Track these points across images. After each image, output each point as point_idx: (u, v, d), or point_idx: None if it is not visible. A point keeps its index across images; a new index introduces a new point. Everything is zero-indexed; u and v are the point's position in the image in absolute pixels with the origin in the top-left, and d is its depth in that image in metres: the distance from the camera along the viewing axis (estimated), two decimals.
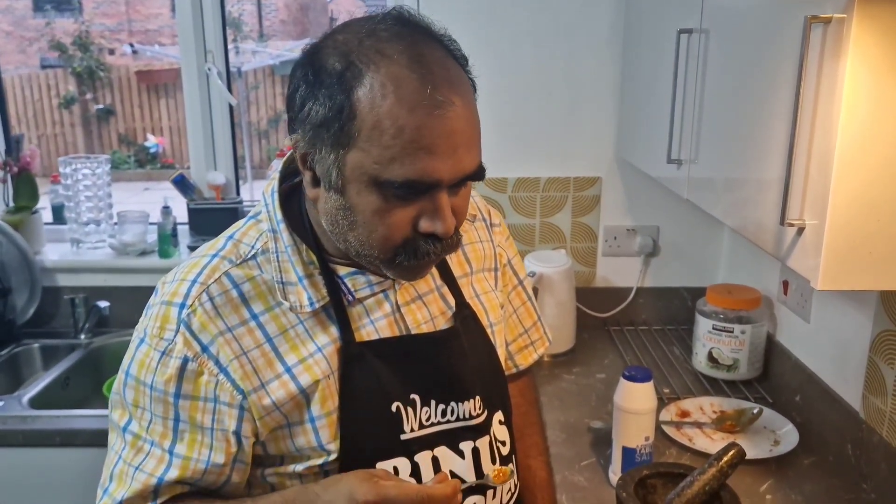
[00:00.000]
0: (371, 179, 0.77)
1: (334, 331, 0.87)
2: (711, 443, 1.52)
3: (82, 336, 2.13)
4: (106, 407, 1.86)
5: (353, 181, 0.78)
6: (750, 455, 1.43)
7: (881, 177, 0.88)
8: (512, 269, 1.13)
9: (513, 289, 1.14)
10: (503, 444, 0.97)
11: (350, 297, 0.88)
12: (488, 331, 0.99)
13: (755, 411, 1.59)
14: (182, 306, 0.84)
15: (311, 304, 0.86)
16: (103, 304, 2.12)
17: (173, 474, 0.85)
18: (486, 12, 1.97)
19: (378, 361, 0.87)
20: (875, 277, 0.91)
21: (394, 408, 0.87)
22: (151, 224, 2.25)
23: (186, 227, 2.26)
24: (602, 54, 1.99)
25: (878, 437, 1.36)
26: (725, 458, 1.18)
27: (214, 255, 0.88)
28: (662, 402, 1.67)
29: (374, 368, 0.87)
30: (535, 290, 1.88)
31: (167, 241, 2.17)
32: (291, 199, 0.91)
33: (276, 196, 0.90)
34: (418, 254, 0.81)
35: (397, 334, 0.91)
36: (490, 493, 0.94)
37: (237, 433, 0.85)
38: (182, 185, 2.24)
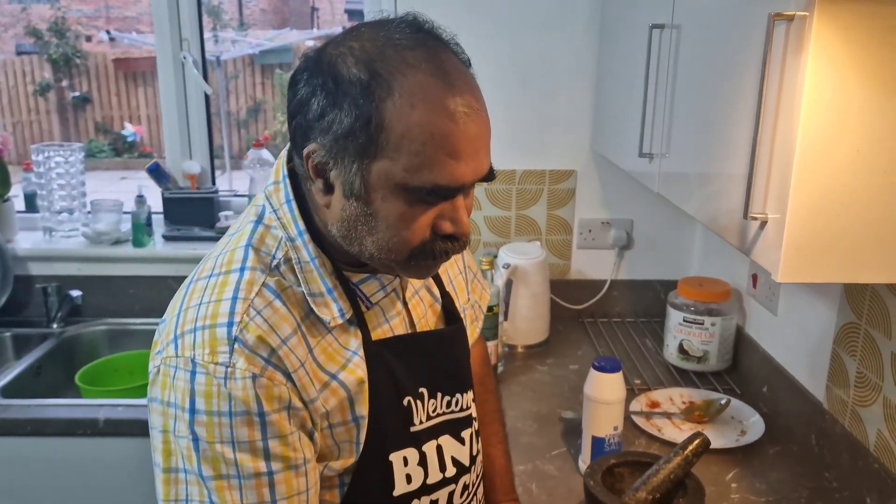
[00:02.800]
0: (398, 186, 0.78)
1: (358, 335, 0.89)
2: (680, 433, 1.55)
3: (55, 325, 2.11)
4: (78, 396, 1.88)
5: (378, 189, 0.79)
6: (717, 444, 1.47)
7: (841, 172, 0.90)
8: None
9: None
10: (475, 420, 1.04)
11: (368, 304, 0.90)
12: (461, 314, 1.04)
13: (723, 402, 1.61)
14: (230, 325, 0.80)
15: (342, 314, 0.86)
16: (76, 293, 2.10)
17: (281, 490, 0.82)
18: (463, 5, 1.98)
19: (393, 358, 0.90)
20: (834, 270, 0.93)
21: (405, 402, 0.91)
22: (125, 213, 2.23)
23: (161, 216, 2.25)
24: (578, 48, 2.01)
25: (840, 427, 1.39)
26: (690, 448, 1.21)
27: (243, 269, 0.84)
28: (633, 393, 1.69)
29: (390, 366, 0.90)
30: (510, 282, 1.90)
31: (141, 230, 2.15)
32: (301, 208, 0.88)
33: (293, 205, 0.87)
34: (435, 254, 0.83)
35: (407, 331, 0.95)
36: (475, 469, 1.01)
37: (311, 433, 0.85)
38: (157, 173, 2.22)
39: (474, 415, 1.02)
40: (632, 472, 1.26)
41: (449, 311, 1.02)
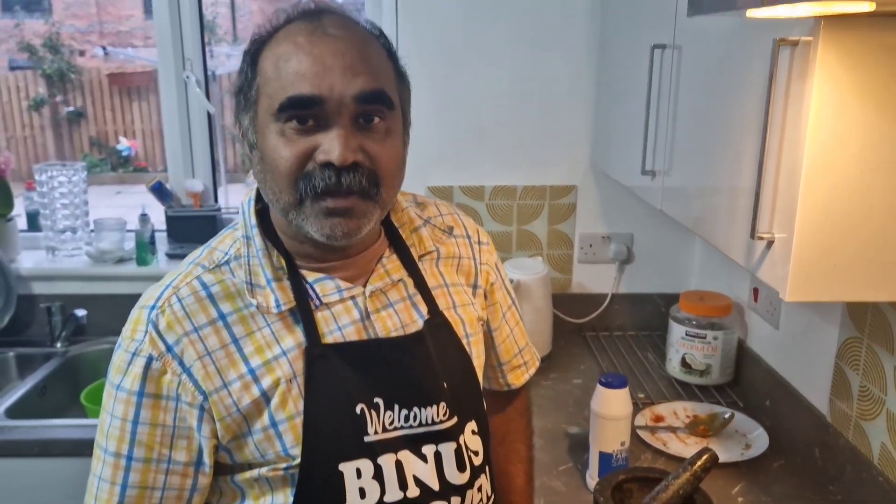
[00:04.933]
0: (270, 118, 0.84)
1: (300, 335, 0.89)
2: (685, 447, 1.56)
3: (59, 344, 2.12)
4: (83, 415, 1.88)
5: (262, 130, 0.86)
6: (722, 458, 1.48)
7: (845, 192, 0.92)
8: (505, 290, 1.15)
9: (507, 309, 1.15)
10: (475, 453, 0.97)
11: (317, 302, 0.90)
12: (464, 341, 1.00)
13: (727, 416, 1.63)
14: (152, 308, 0.88)
15: (278, 305, 0.88)
16: (80, 312, 2.11)
17: (134, 479, 0.87)
18: (464, 23, 2.00)
19: (342, 363, 0.89)
20: (839, 289, 0.95)
21: (358, 409, 0.88)
22: (129, 231, 2.24)
23: (164, 234, 2.26)
24: (578, 65, 2.03)
25: (843, 440, 1.41)
26: (699, 463, 1.22)
27: (190, 263, 0.93)
28: (637, 407, 1.70)
29: (339, 370, 0.89)
30: None
31: (145, 248, 2.16)
32: (267, 211, 0.94)
33: (252, 203, 0.94)
34: (317, 186, 0.83)
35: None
36: (459, 500, 0.94)
37: (198, 431, 0.87)
38: (160, 192, 2.23)
39: (452, 435, 0.94)
40: (640, 487, 1.27)
41: (436, 329, 0.97)
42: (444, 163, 2.10)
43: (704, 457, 1.22)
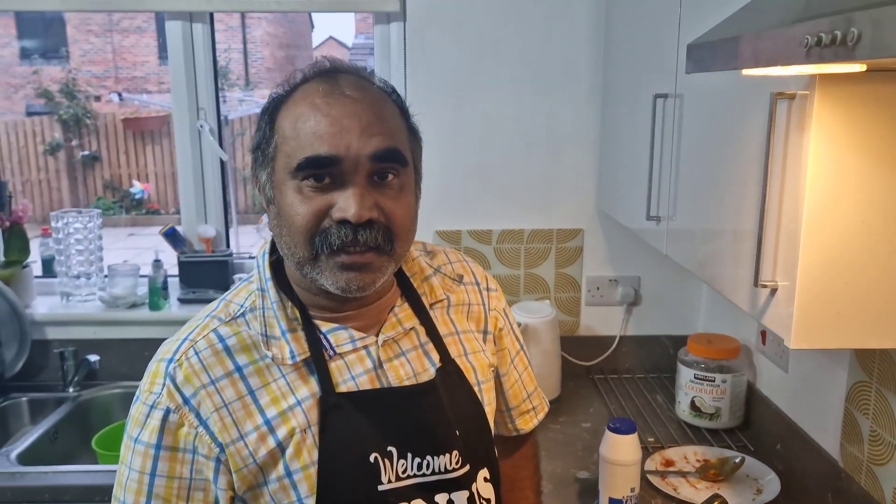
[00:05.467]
0: (287, 174, 0.87)
1: (315, 385, 0.90)
2: (696, 492, 1.55)
3: (71, 389, 2.13)
4: (94, 460, 1.88)
5: (279, 186, 0.89)
6: None
7: (846, 241, 0.94)
8: (514, 335, 1.16)
9: (516, 354, 1.17)
10: (487, 501, 0.98)
11: (331, 352, 0.92)
12: (475, 388, 1.01)
13: (737, 460, 1.62)
14: (170, 361, 0.90)
15: (293, 356, 0.90)
16: (93, 357, 2.12)
17: None
18: (470, 73, 2.05)
19: (356, 412, 0.90)
20: (844, 336, 0.96)
21: (371, 458, 0.89)
22: (142, 277, 2.27)
23: (176, 279, 2.29)
24: (581, 112, 2.07)
25: (856, 485, 1.40)
26: None
27: (207, 316, 0.94)
28: (647, 452, 1.70)
29: (353, 419, 0.90)
30: None
31: (157, 293, 2.19)
32: (281, 263, 0.97)
33: (266, 256, 0.97)
34: (333, 244, 0.86)
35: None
36: None
37: (215, 483, 0.88)
38: (173, 237, 2.27)
39: (465, 484, 0.95)
40: None
41: (448, 377, 0.98)
42: (451, 208, 2.13)
43: (714, 503, 1.22)
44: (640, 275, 2.18)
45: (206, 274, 2.23)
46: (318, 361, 0.91)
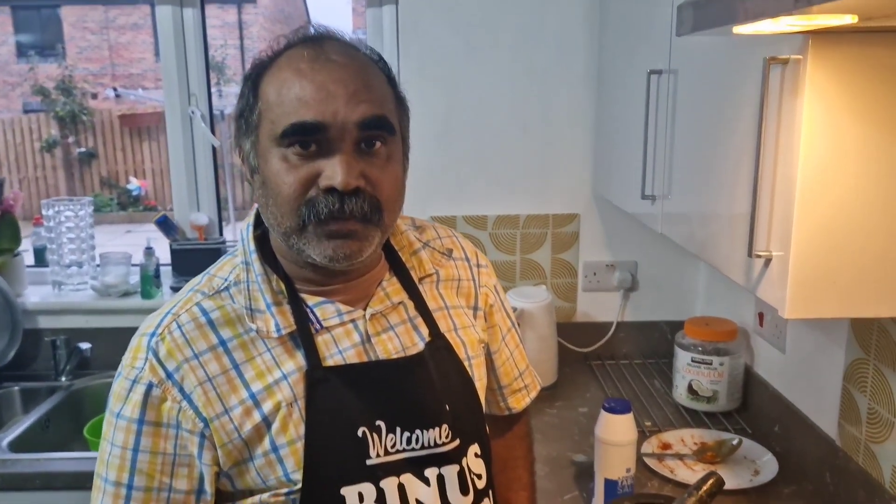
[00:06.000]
0: (272, 142, 0.85)
1: (301, 358, 0.89)
2: (693, 474, 1.53)
3: (63, 378, 2.11)
4: (87, 448, 1.87)
5: (264, 154, 0.86)
6: (731, 485, 1.45)
7: (840, 208, 0.92)
8: (505, 312, 1.15)
9: (507, 331, 1.15)
10: (478, 476, 0.96)
11: (318, 326, 0.90)
12: (465, 364, 1.00)
13: (735, 442, 1.60)
14: (152, 335, 0.88)
15: (278, 330, 0.88)
16: (85, 345, 2.11)
17: None
18: (464, 53, 2.03)
19: (343, 386, 0.89)
20: (840, 305, 0.94)
21: (360, 433, 0.88)
22: (134, 265, 2.25)
23: (169, 267, 2.27)
24: (577, 94, 2.05)
25: (854, 464, 1.38)
26: (704, 487, 1.20)
27: (190, 290, 0.92)
28: (644, 435, 1.68)
29: (340, 393, 0.88)
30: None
31: (149, 281, 2.17)
32: (267, 236, 0.95)
33: (250, 229, 0.95)
34: (321, 213, 0.84)
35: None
36: None
37: (199, 459, 0.86)
38: (165, 225, 2.25)
39: (455, 458, 0.93)
40: None
41: (437, 351, 0.96)
42: (446, 192, 2.11)
43: (710, 481, 1.20)
44: (637, 260, 2.17)
45: (199, 261, 2.17)
46: (304, 335, 0.89)
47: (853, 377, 1.39)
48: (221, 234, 2.36)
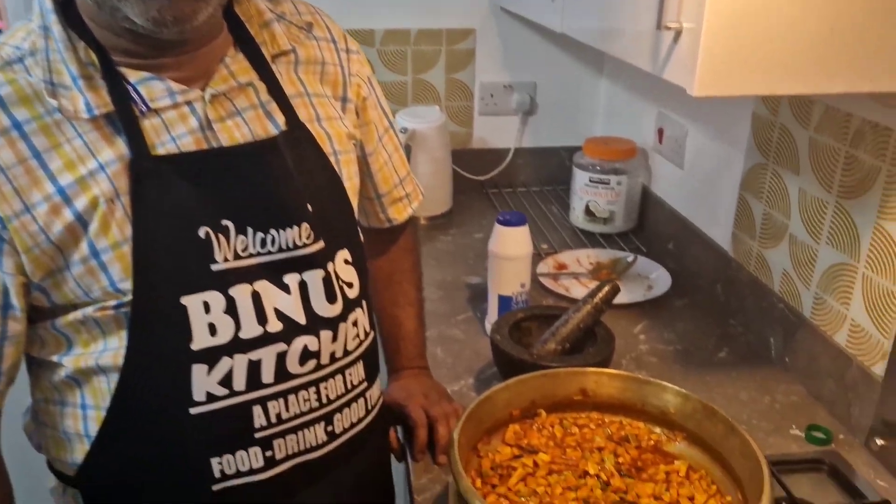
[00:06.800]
0: None
1: (123, 146, 0.73)
2: (587, 291, 1.50)
3: None
4: None
5: None
6: (625, 300, 1.43)
7: None
8: (382, 110, 1.00)
9: (384, 132, 1.01)
10: (349, 285, 0.86)
11: (143, 108, 0.74)
12: (331, 159, 0.86)
13: (630, 259, 1.58)
14: None
15: (90, 109, 0.71)
16: None
17: None
18: None
19: (179, 179, 0.74)
20: (751, 81, 0.85)
21: (202, 233, 0.74)
22: None
23: None
24: None
25: (745, 272, 1.37)
26: (600, 294, 1.15)
27: None
28: (540, 257, 1.63)
29: (175, 187, 0.73)
30: (409, 148, 1.77)
31: None
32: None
33: None
34: None
35: None
36: (330, 335, 0.82)
37: (0, 268, 0.71)
38: None
39: (318, 262, 0.81)
40: (539, 325, 1.20)
41: (294, 142, 0.82)
42: (327, 2, 1.87)
43: (606, 288, 1.15)
44: (536, 81, 2.04)
45: None
46: (125, 118, 0.72)
47: (751, 184, 1.35)
48: None
